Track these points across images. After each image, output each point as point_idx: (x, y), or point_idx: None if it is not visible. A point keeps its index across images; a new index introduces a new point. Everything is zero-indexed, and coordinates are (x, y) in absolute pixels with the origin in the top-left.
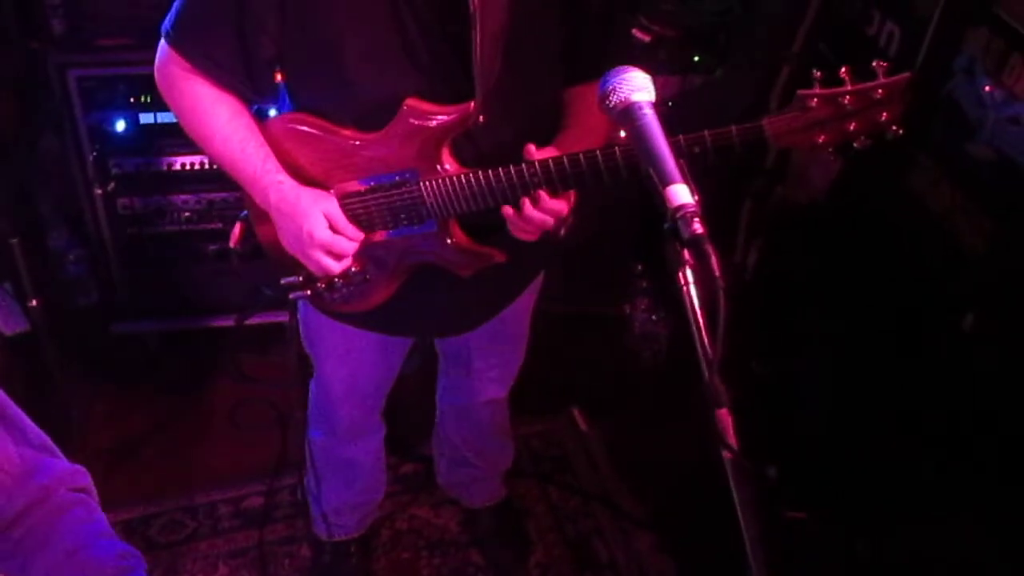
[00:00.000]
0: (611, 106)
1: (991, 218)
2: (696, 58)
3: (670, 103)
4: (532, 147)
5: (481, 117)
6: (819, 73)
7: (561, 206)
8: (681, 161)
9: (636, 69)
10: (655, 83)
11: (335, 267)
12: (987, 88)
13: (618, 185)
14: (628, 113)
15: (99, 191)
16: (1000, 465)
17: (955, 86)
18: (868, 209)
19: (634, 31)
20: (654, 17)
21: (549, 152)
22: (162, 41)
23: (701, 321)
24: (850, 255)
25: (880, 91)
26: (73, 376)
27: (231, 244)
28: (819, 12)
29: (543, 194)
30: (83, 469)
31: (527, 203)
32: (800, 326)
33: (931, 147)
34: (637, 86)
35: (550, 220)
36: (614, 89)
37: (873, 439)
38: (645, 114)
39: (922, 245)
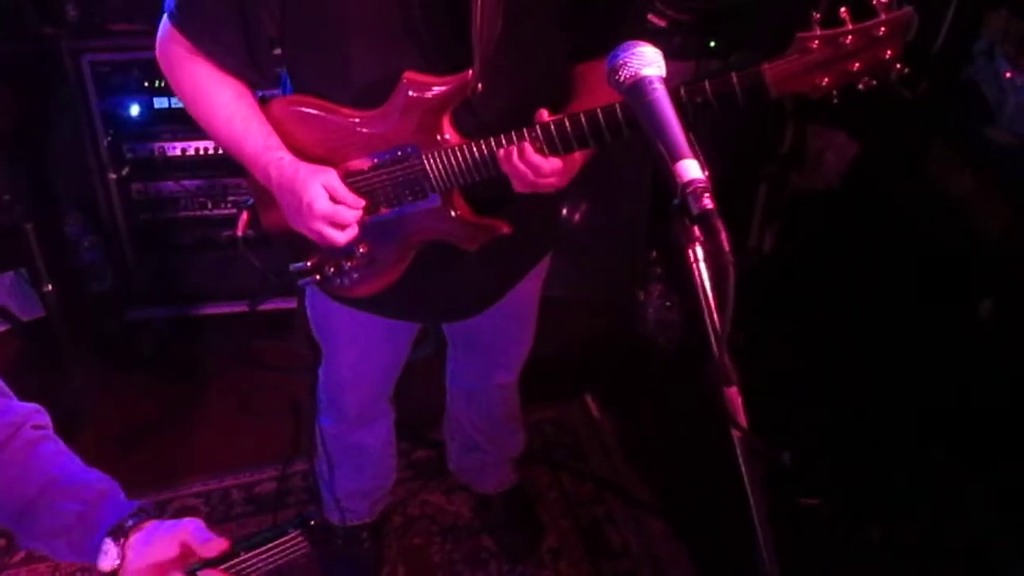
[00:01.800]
0: (620, 81)
1: (1009, 204)
2: (712, 43)
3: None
4: (544, 112)
5: (480, 86)
6: (818, 15)
7: (544, 163)
8: (691, 136)
9: (646, 43)
10: (669, 68)
11: (340, 237)
12: (1007, 73)
13: (624, 151)
14: (637, 88)
15: (113, 176)
16: (1014, 451)
17: (974, 71)
18: (884, 194)
19: (649, 16)
20: (669, 2)
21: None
22: (164, 19)
23: (711, 299)
24: (866, 240)
25: (882, 28)
26: (86, 362)
27: (238, 232)
28: None
29: (527, 148)
30: (42, 408)
31: (513, 152)
32: (814, 311)
33: (949, 132)
34: (647, 61)
35: (528, 173)
36: (624, 63)
37: (886, 425)
38: (655, 89)
39: (939, 231)
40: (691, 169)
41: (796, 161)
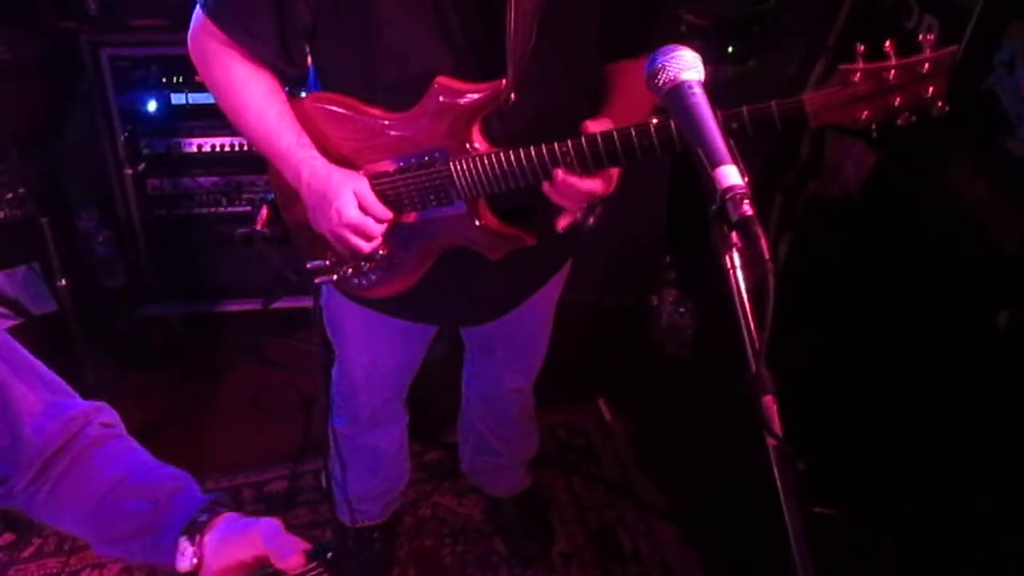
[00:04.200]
0: (659, 85)
1: None
2: (729, 48)
3: None
4: (590, 123)
5: (512, 95)
6: (862, 47)
7: (594, 186)
8: (731, 141)
9: (685, 47)
10: None
11: (364, 247)
12: None
13: (652, 164)
14: (676, 92)
15: (129, 172)
16: None
17: (995, 80)
18: (902, 204)
19: None
20: (688, 6)
21: (603, 125)
22: (197, 10)
23: (748, 305)
24: (883, 250)
25: (926, 65)
26: (98, 357)
27: (257, 227)
28: (856, 3)
29: (570, 178)
30: (107, 406)
31: (558, 173)
32: (830, 321)
33: (969, 142)
34: (686, 64)
35: (574, 202)
36: (663, 67)
37: (901, 435)
38: (694, 93)
39: (957, 241)
40: (731, 175)
41: (813, 170)
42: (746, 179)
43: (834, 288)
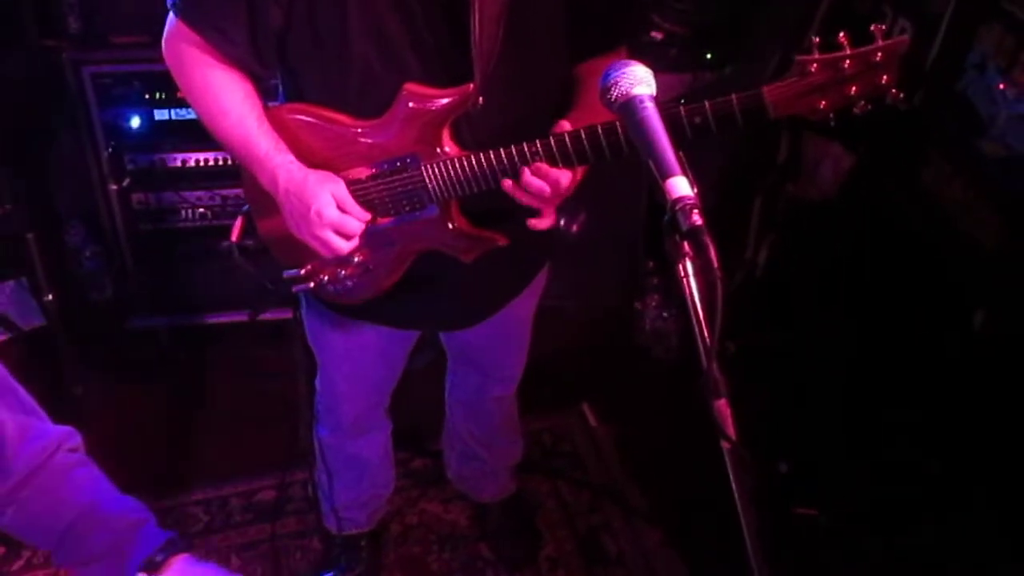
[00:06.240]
0: (612, 100)
1: (1002, 215)
2: (707, 55)
3: (681, 100)
4: (566, 123)
5: (480, 99)
6: (817, 39)
7: (562, 175)
8: (680, 153)
9: (637, 63)
10: (666, 80)
11: (344, 247)
12: (999, 85)
13: (622, 163)
14: (628, 107)
15: (114, 187)
16: (1009, 462)
17: (967, 83)
18: (879, 206)
19: None
20: (666, 15)
21: (574, 124)
22: (170, 15)
23: (701, 313)
24: (861, 252)
25: (879, 54)
26: (87, 370)
27: (232, 239)
28: (830, 8)
29: (542, 164)
30: (74, 430)
31: (525, 171)
32: (810, 323)
33: (944, 143)
34: (638, 79)
35: (547, 188)
36: (615, 83)
37: (884, 436)
38: (645, 107)
39: (933, 242)
40: (680, 186)
41: (792, 172)
42: (696, 189)
43: (814, 288)
